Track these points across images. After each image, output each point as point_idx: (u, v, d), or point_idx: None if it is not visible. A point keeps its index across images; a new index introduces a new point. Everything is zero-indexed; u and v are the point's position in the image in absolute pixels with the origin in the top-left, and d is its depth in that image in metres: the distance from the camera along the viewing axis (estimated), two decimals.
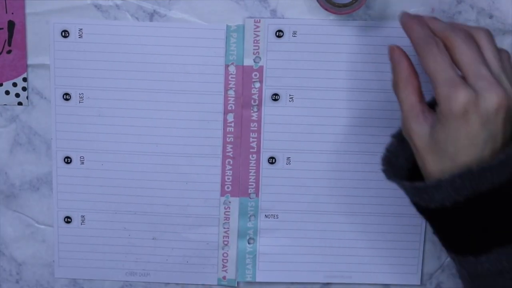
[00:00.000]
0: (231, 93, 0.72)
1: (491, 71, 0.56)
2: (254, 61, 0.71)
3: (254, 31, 0.70)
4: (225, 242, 0.76)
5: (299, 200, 0.74)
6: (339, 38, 0.70)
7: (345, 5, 0.67)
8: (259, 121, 0.72)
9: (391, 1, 0.69)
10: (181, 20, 0.70)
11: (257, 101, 0.72)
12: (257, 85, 0.71)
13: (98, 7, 0.70)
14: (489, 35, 0.59)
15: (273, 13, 0.70)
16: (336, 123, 0.72)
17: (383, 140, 0.72)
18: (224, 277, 0.77)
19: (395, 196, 0.74)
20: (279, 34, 0.70)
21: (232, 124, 0.73)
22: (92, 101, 0.72)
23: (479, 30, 0.58)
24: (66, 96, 0.72)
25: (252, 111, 0.72)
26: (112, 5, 0.70)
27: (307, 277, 0.76)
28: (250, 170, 0.73)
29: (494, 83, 0.55)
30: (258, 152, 0.73)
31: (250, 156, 0.73)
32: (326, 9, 0.68)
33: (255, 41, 0.70)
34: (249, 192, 0.74)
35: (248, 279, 0.76)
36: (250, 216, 0.75)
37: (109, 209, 0.75)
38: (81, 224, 0.75)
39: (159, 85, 0.72)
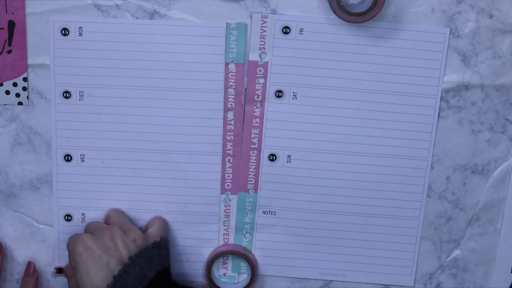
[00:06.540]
0: (231, 91, 0.72)
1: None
2: (260, 57, 0.71)
3: (261, 26, 0.70)
4: (225, 240, 0.76)
5: (297, 199, 0.75)
6: (345, 37, 0.70)
7: (360, 14, 0.67)
8: (261, 117, 0.72)
9: (392, 1, 0.70)
10: (181, 20, 0.70)
11: (260, 97, 0.72)
12: (261, 80, 0.71)
13: (98, 7, 0.70)
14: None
15: (273, 13, 0.70)
16: (338, 123, 0.72)
17: (384, 142, 0.73)
18: (224, 274, 0.77)
19: (392, 198, 0.75)
20: (285, 30, 0.70)
21: (232, 122, 0.73)
22: (92, 99, 0.72)
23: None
24: (66, 94, 0.72)
25: (255, 107, 0.72)
26: (112, 5, 0.70)
27: (301, 273, 0.77)
28: (250, 166, 0.74)
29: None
30: (259, 149, 0.73)
31: (251, 152, 0.73)
32: (342, 18, 0.68)
33: (262, 37, 0.70)
34: (248, 187, 0.74)
35: (243, 271, 0.77)
36: (248, 211, 0.75)
37: (110, 207, 0.74)
38: (82, 222, 0.75)
39: (159, 83, 0.72)
